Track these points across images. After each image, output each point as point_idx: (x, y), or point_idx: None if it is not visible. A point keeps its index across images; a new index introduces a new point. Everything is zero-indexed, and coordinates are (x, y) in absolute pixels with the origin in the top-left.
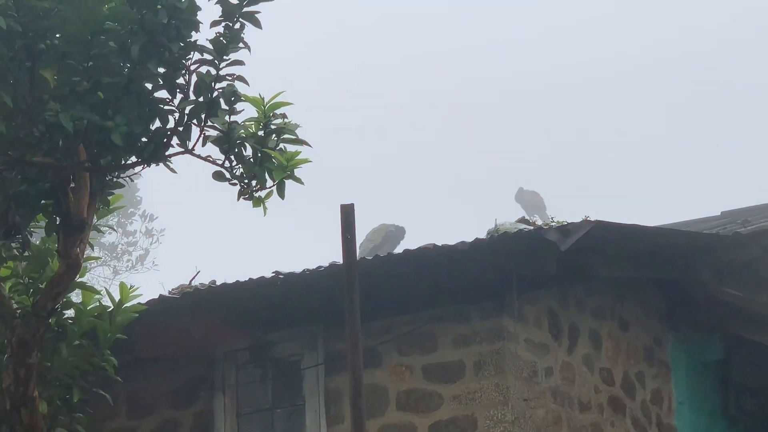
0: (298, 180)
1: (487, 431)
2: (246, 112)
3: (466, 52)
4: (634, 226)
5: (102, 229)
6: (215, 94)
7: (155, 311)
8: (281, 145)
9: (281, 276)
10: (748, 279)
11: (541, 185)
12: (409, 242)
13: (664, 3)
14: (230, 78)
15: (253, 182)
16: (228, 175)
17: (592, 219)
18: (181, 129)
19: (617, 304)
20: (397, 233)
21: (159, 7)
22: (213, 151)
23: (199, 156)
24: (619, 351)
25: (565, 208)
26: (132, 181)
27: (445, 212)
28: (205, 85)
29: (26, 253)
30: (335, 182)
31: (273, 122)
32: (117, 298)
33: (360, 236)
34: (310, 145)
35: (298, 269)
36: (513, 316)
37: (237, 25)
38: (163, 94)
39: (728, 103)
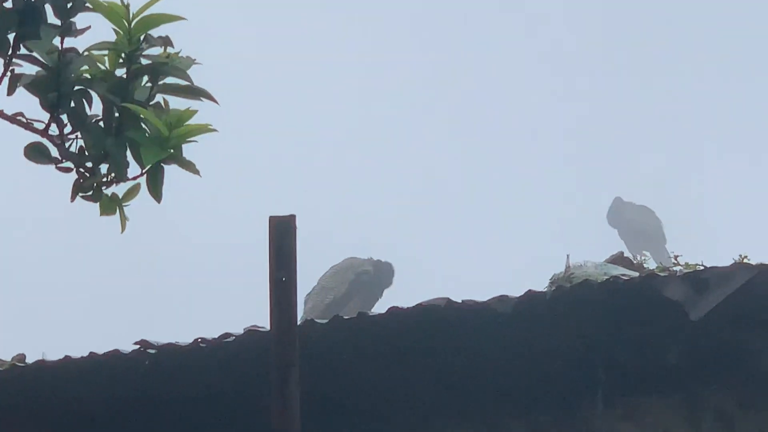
0: (189, 166)
1: None
2: (97, 32)
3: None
4: None
5: None
6: None
7: None
8: (160, 98)
9: (152, 352)
10: None
11: (656, 198)
12: (401, 291)
13: None
14: None
15: (103, 167)
16: (56, 153)
17: (752, 262)
18: None
19: None
20: (379, 276)
21: None
22: (29, 103)
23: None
24: None
25: (689, 242)
26: None
27: (469, 238)
28: None
29: None
30: (271, 182)
31: (145, 52)
32: None
33: (309, 278)
34: (216, 101)
35: (185, 339)
36: None
37: None
38: None
39: None
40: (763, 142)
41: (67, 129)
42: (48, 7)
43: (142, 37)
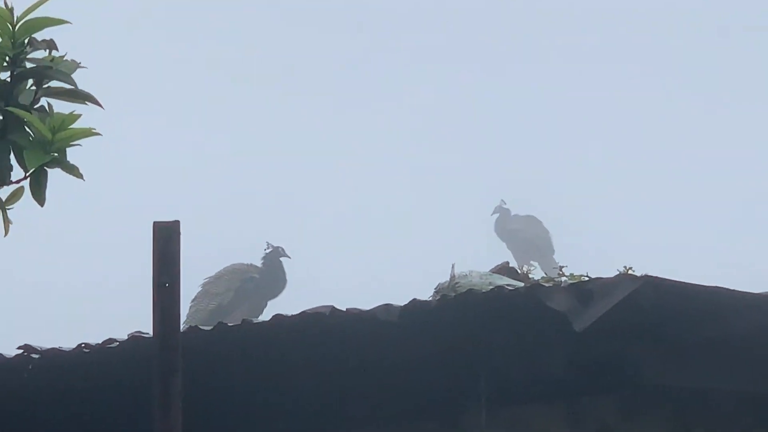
0: (73, 170)
1: None
2: None
3: None
4: (720, 291)
5: None
6: None
7: None
8: (44, 101)
9: (35, 356)
10: None
11: (540, 203)
12: (291, 300)
13: None
14: None
15: None
16: None
17: (637, 273)
18: None
19: None
20: (267, 280)
21: None
22: None
23: None
24: None
25: (580, 252)
26: None
27: (357, 246)
28: None
29: None
30: (156, 187)
31: (29, 56)
32: None
33: (194, 284)
34: (100, 105)
35: (68, 344)
36: None
37: None
38: None
39: None
40: (650, 148)
41: None
42: None
43: (26, 41)
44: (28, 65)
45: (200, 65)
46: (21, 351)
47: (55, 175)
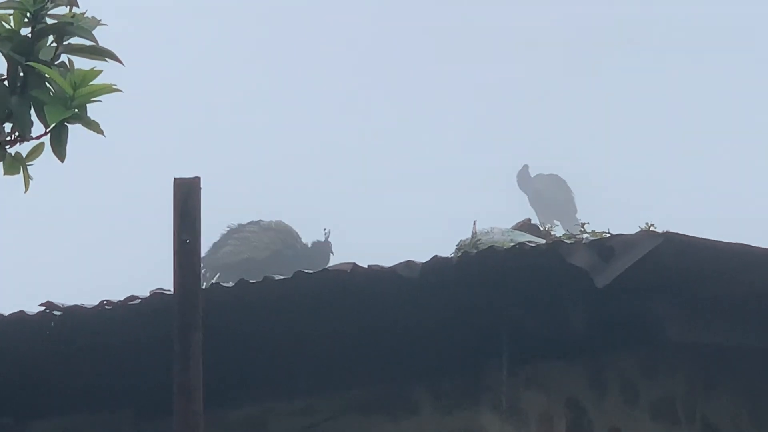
0: (93, 126)
1: None
2: None
3: None
4: (743, 248)
5: None
6: None
7: None
8: (65, 58)
9: (57, 314)
10: None
11: (568, 167)
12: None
13: None
14: None
15: (7, 126)
16: None
17: (658, 229)
18: None
19: (699, 397)
20: (302, 261)
21: None
22: None
23: None
24: None
25: (600, 210)
26: None
27: (378, 203)
28: None
29: None
30: (177, 143)
31: (50, 12)
32: None
33: (212, 240)
34: (120, 62)
35: (90, 301)
36: (498, 408)
37: None
38: None
39: None
40: (675, 114)
41: None
42: None
43: None
44: (49, 21)
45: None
46: (43, 308)
47: (75, 130)
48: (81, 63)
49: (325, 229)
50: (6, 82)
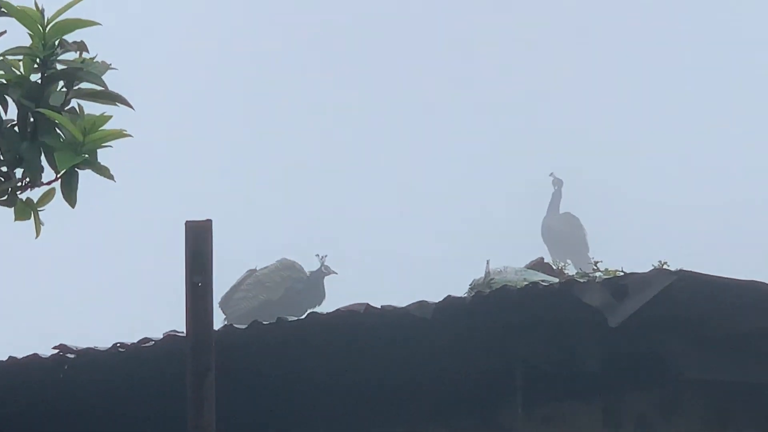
0: (104, 171)
1: None
2: (11, 37)
3: None
4: (755, 285)
5: None
6: None
7: None
8: (75, 103)
9: (71, 356)
10: None
11: (580, 202)
12: (329, 297)
13: None
14: None
15: (18, 172)
16: None
17: (671, 267)
18: None
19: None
20: (310, 291)
21: None
22: None
23: None
24: None
25: (612, 247)
26: None
27: (393, 240)
28: None
29: None
30: (188, 187)
31: (60, 57)
32: None
33: (228, 282)
34: (131, 106)
35: (103, 344)
36: None
37: None
38: None
39: None
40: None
41: None
42: None
43: (56, 42)
44: (59, 67)
45: (234, 63)
46: (57, 351)
47: (86, 176)
48: (91, 108)
49: (318, 255)
50: (17, 128)
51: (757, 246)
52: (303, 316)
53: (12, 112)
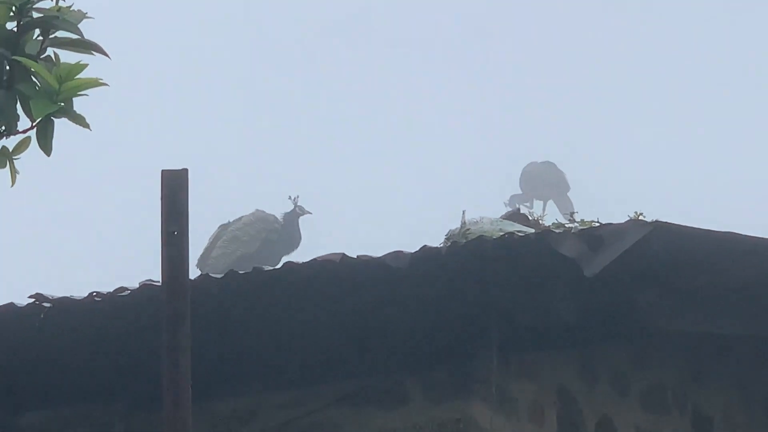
0: (79, 120)
1: None
2: None
3: None
4: (733, 236)
5: None
6: None
7: None
8: (51, 51)
9: (47, 305)
10: None
11: (568, 160)
12: (308, 250)
13: None
14: None
15: None
16: None
17: (648, 219)
18: None
19: (690, 386)
20: (285, 236)
21: None
22: None
23: None
24: None
25: (599, 201)
26: None
27: (383, 197)
28: None
29: None
30: (165, 136)
31: (36, 5)
32: None
33: (200, 234)
34: (107, 54)
35: (79, 293)
36: (489, 398)
37: None
38: None
39: None
40: (666, 107)
41: None
42: None
43: None
44: (35, 15)
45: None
46: (33, 300)
47: (61, 124)
48: (67, 57)
49: (290, 197)
50: None
51: (739, 199)
52: (279, 266)
53: None
